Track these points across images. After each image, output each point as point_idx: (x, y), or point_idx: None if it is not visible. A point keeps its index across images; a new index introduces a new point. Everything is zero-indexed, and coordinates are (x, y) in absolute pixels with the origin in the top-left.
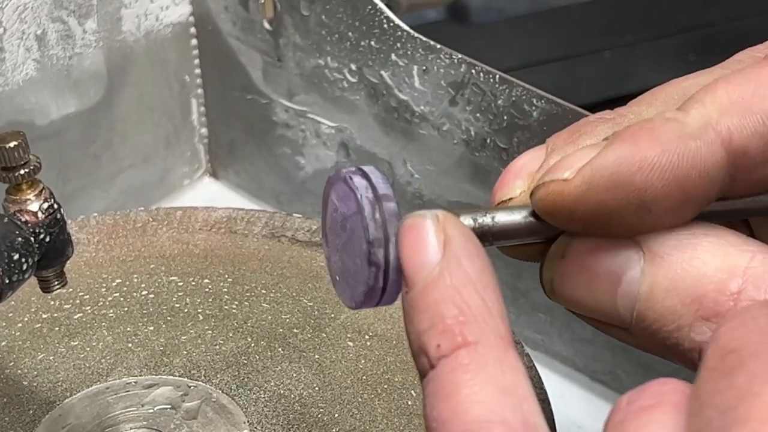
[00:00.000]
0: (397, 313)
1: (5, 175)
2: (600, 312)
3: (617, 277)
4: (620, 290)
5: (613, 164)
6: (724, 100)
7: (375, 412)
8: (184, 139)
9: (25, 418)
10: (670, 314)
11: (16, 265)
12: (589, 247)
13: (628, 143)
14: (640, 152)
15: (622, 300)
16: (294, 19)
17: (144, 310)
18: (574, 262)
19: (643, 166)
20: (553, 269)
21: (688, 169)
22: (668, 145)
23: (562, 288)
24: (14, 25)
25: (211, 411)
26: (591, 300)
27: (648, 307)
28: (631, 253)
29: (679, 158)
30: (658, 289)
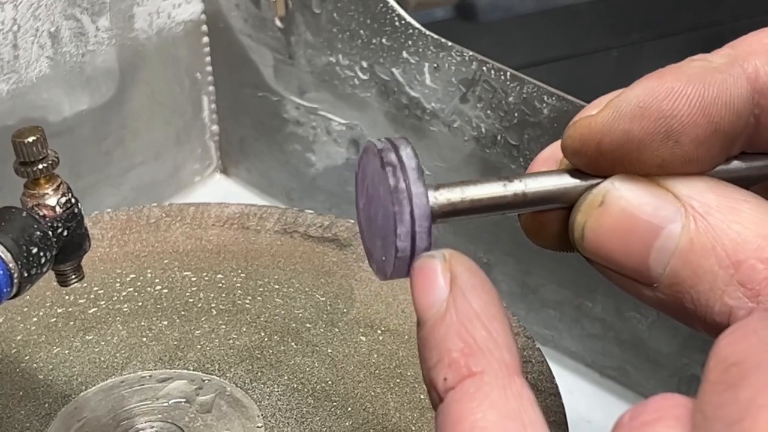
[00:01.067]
0: (408, 308)
1: (24, 170)
2: (628, 265)
3: (656, 229)
4: (657, 243)
5: (640, 94)
6: (754, 44)
7: (388, 405)
8: (195, 136)
9: (41, 412)
10: (705, 274)
11: (34, 258)
12: (632, 196)
13: (655, 78)
14: (666, 83)
15: (656, 254)
16: (305, 17)
17: (158, 304)
18: (614, 210)
19: (669, 93)
20: (590, 214)
21: (714, 98)
22: (694, 77)
23: (594, 235)
24: (28, 22)
25: (225, 404)
26: (623, 251)
27: (684, 263)
28: (673, 208)
29: (705, 87)
30: (698, 247)
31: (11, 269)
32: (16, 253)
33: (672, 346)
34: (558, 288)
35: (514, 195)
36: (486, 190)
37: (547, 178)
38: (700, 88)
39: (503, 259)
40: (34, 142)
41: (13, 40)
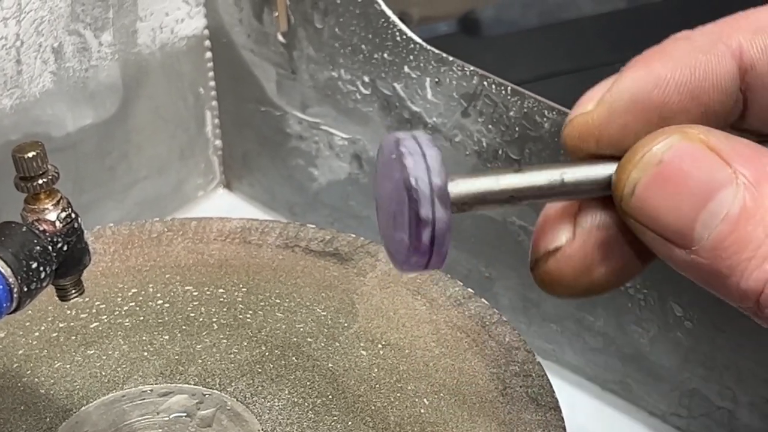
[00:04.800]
0: (409, 322)
1: (24, 185)
2: (673, 225)
3: (709, 194)
4: (709, 206)
5: (630, 86)
6: (738, 21)
7: (388, 420)
8: (199, 151)
9: (42, 426)
10: (751, 242)
11: (34, 273)
12: (690, 159)
13: (642, 65)
14: (654, 71)
15: (706, 216)
16: (308, 32)
17: (159, 319)
18: (671, 170)
19: (658, 82)
20: (646, 171)
21: (701, 81)
22: (679, 61)
23: (645, 193)
24: (31, 37)
25: (225, 419)
26: (671, 211)
27: (732, 230)
28: (726, 173)
29: (691, 71)
30: (747, 215)
31: (11, 284)
32: (16, 267)
33: (673, 360)
34: (560, 302)
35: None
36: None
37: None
38: (687, 72)
39: (505, 273)
40: (34, 158)
41: (16, 55)
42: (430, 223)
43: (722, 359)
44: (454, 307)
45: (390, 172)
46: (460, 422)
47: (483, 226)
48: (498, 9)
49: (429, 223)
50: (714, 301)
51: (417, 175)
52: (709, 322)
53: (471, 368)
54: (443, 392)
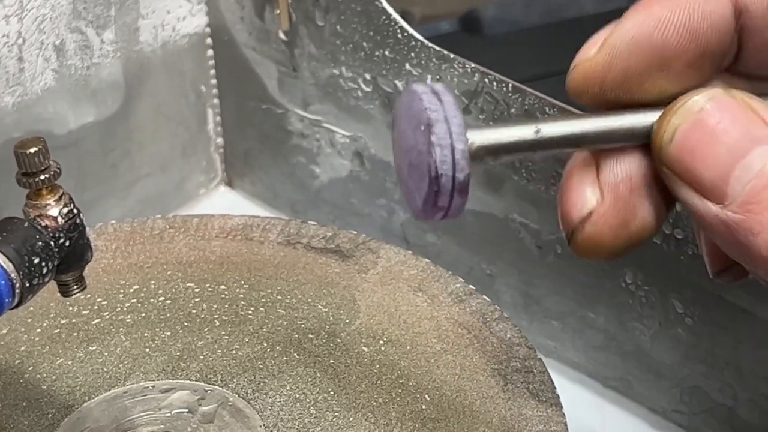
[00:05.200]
0: (410, 319)
1: (26, 181)
2: (708, 177)
3: (746, 148)
4: (744, 162)
5: (631, 29)
6: None
7: (389, 416)
8: (200, 149)
9: (44, 422)
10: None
11: (36, 268)
12: (730, 112)
13: (641, 9)
14: (653, 13)
15: (741, 171)
16: (309, 30)
17: (161, 315)
18: (711, 120)
19: (658, 24)
20: (686, 118)
21: (699, 22)
22: (678, 3)
23: (684, 141)
24: (33, 35)
25: (227, 415)
26: (709, 161)
27: (764, 186)
28: (764, 132)
29: (690, 12)
30: None
31: (13, 279)
32: (18, 263)
33: (674, 357)
34: (561, 299)
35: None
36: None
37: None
38: (686, 14)
39: (506, 271)
40: (36, 153)
41: (18, 53)
42: (450, 182)
43: (723, 356)
44: (456, 304)
45: (409, 127)
46: (461, 418)
47: (484, 223)
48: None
49: (449, 182)
50: (715, 298)
51: (439, 135)
52: (709, 319)
53: (472, 364)
54: (445, 388)
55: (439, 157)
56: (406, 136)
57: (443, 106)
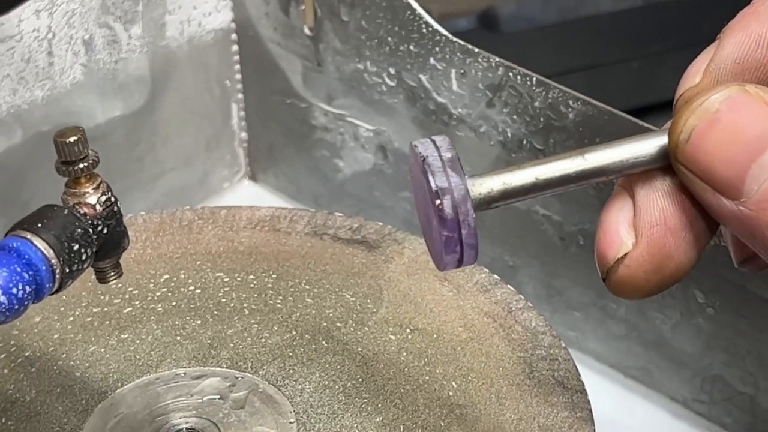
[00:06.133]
0: (436, 308)
1: (65, 169)
2: (725, 175)
3: (763, 146)
4: (760, 160)
5: (732, 51)
6: None
7: (417, 402)
8: (225, 143)
9: (79, 408)
10: None
11: (75, 255)
12: (747, 111)
13: (739, 29)
14: (753, 32)
15: (756, 169)
16: (334, 25)
17: (191, 304)
18: (728, 119)
19: (759, 42)
20: (703, 118)
21: None
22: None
23: (700, 140)
24: (63, 30)
25: (258, 401)
26: (724, 160)
27: None
28: None
29: None
30: None
31: (53, 265)
32: (58, 249)
33: (695, 347)
34: (583, 290)
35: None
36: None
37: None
38: None
39: (528, 262)
40: (76, 142)
41: (48, 47)
42: (457, 239)
43: (744, 345)
44: (481, 293)
45: (418, 181)
46: (488, 405)
47: (507, 215)
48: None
49: (456, 240)
50: (736, 287)
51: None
52: (731, 309)
53: (498, 352)
54: (471, 375)
55: (448, 221)
56: (418, 197)
57: (446, 171)
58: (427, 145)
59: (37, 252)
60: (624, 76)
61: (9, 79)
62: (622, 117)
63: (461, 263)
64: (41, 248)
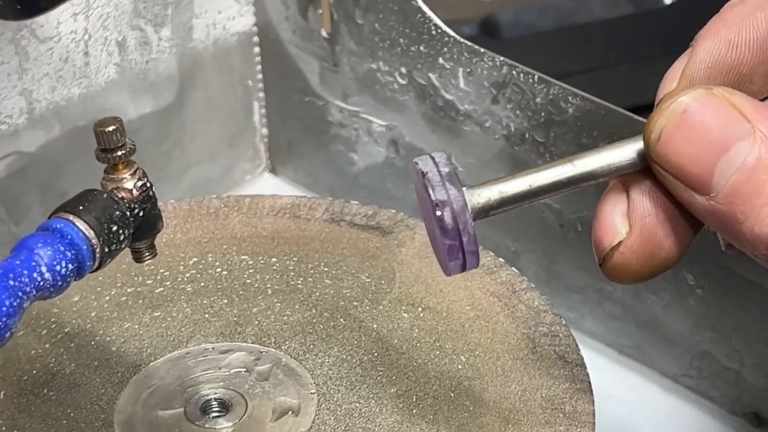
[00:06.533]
0: (446, 288)
1: (104, 156)
2: (694, 172)
3: (727, 144)
4: (725, 157)
5: (705, 57)
6: None
7: (428, 374)
8: (247, 138)
9: (115, 379)
10: (763, 189)
11: (114, 235)
12: (711, 111)
13: (710, 36)
14: (723, 38)
15: (723, 165)
16: (349, 27)
17: (218, 285)
18: (694, 119)
19: (729, 47)
20: (671, 119)
21: (765, 35)
22: (742, 23)
23: (670, 139)
24: (98, 31)
25: (281, 373)
26: (692, 158)
27: (747, 178)
28: (745, 128)
29: (755, 29)
30: (762, 165)
31: (94, 245)
32: (98, 230)
33: (685, 326)
34: (581, 273)
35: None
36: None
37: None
38: (752, 31)
39: (530, 248)
40: (114, 131)
41: (84, 48)
42: (459, 247)
43: (731, 323)
44: (487, 275)
45: (422, 196)
46: (494, 377)
47: None
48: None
49: (457, 247)
50: (723, 270)
51: (443, 209)
52: (718, 290)
53: (503, 329)
54: (478, 350)
55: (449, 230)
56: (422, 210)
57: (445, 186)
58: (426, 162)
59: (78, 232)
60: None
61: (48, 77)
62: (618, 112)
63: (465, 268)
64: (82, 229)
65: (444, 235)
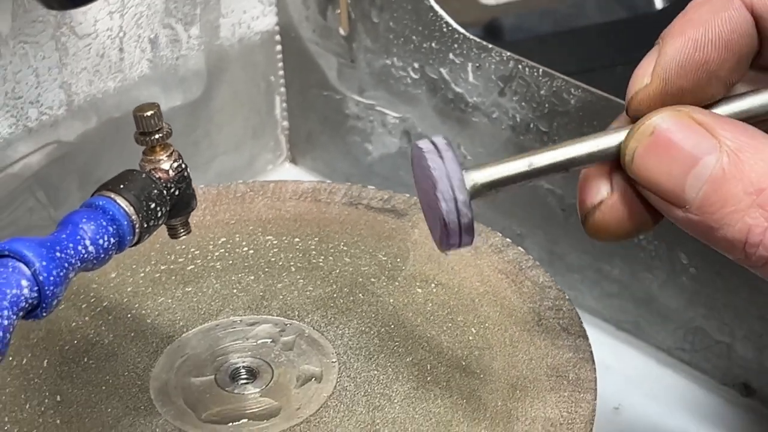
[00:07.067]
0: (457, 266)
1: (143, 139)
2: (667, 187)
3: (695, 159)
4: (694, 171)
5: (675, 55)
6: None
7: (441, 345)
8: (269, 131)
9: (150, 349)
10: (732, 198)
11: (152, 212)
12: (677, 130)
13: (677, 35)
14: (690, 37)
15: (692, 179)
16: (366, 26)
17: (245, 263)
18: (662, 140)
19: (696, 45)
20: (641, 141)
21: (730, 33)
22: (707, 23)
23: (642, 159)
24: (132, 29)
25: (304, 344)
26: (665, 174)
27: (715, 189)
28: (711, 143)
29: (719, 28)
30: (729, 176)
31: (134, 220)
32: (138, 207)
33: (680, 303)
34: (581, 254)
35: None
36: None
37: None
38: (717, 30)
39: (534, 231)
40: (152, 116)
41: (119, 44)
42: (457, 226)
43: (722, 300)
44: (495, 254)
45: (421, 175)
46: (503, 347)
47: None
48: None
49: (456, 226)
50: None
51: (443, 190)
52: (710, 269)
53: (510, 303)
54: (488, 323)
55: (445, 208)
56: (420, 187)
57: (444, 164)
58: (426, 144)
59: (119, 209)
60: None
61: (86, 71)
62: (617, 102)
63: (460, 245)
64: (123, 206)
65: (441, 213)
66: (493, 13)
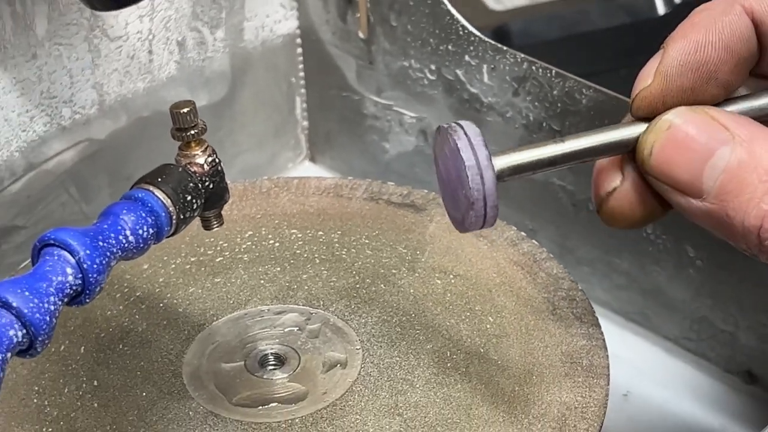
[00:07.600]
0: (474, 258)
1: (179, 135)
2: (685, 178)
3: (710, 150)
4: (710, 162)
5: (677, 56)
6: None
7: (461, 333)
8: (290, 130)
9: (182, 336)
10: (747, 186)
11: (188, 204)
12: (693, 124)
13: (680, 37)
14: (692, 39)
15: (709, 170)
16: (384, 29)
17: (272, 255)
18: (679, 133)
19: (698, 47)
20: (659, 136)
21: (730, 36)
22: (708, 26)
23: (661, 153)
24: (161, 32)
25: (329, 332)
26: (682, 166)
27: (731, 178)
28: (725, 135)
29: (721, 31)
30: (744, 165)
31: (171, 212)
32: (174, 199)
33: (686, 294)
34: (591, 248)
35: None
36: (544, 150)
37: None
38: (718, 33)
39: (545, 226)
40: (188, 113)
41: (148, 46)
42: (482, 207)
43: (727, 291)
44: (511, 246)
45: (445, 156)
46: (519, 335)
47: (527, 186)
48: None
49: (482, 207)
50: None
51: (472, 171)
52: (716, 261)
53: (526, 293)
54: (504, 312)
55: (475, 188)
56: (445, 171)
57: (473, 146)
58: (455, 128)
59: (157, 201)
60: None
61: (117, 72)
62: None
63: (483, 225)
64: (161, 198)
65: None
66: (502, 18)
